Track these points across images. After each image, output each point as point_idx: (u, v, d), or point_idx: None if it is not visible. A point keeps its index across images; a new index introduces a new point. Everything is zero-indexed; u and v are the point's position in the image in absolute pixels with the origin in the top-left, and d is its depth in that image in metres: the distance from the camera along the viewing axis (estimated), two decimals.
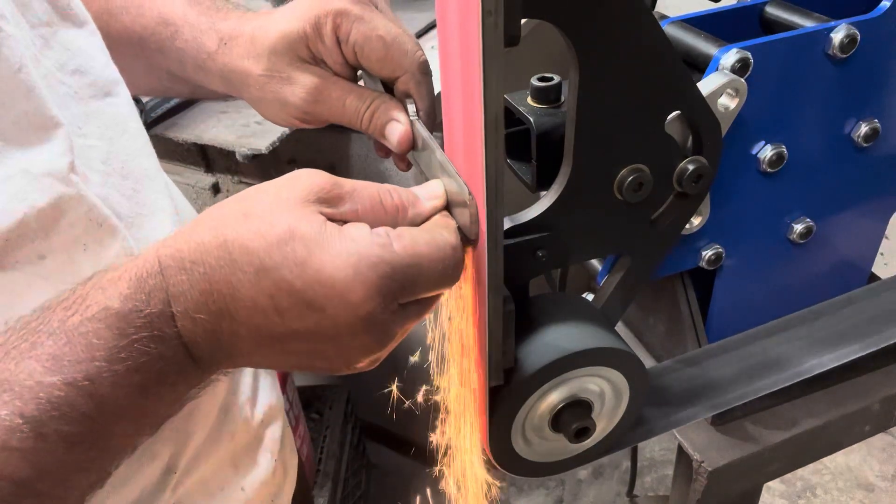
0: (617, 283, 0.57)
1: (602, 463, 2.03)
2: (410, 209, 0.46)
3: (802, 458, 0.74)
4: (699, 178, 0.52)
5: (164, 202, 0.61)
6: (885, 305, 0.69)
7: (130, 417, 0.42)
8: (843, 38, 0.56)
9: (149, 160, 0.62)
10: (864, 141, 0.62)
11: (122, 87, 0.61)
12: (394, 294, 0.42)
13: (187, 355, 0.42)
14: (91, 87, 0.57)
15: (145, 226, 0.58)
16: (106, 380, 0.40)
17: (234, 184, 1.61)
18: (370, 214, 0.45)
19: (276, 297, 0.41)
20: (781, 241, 0.67)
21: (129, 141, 0.60)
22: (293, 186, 0.44)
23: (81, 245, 0.51)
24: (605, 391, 0.55)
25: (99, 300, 0.41)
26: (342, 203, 0.44)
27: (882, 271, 0.75)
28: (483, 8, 0.36)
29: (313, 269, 0.41)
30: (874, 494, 1.92)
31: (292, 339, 0.43)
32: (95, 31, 0.60)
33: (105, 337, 0.40)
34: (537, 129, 0.55)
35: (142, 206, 0.58)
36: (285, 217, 0.42)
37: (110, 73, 0.60)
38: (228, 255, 0.41)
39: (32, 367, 0.39)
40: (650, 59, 0.47)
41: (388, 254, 0.41)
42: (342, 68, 0.60)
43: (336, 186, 0.44)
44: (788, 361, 0.64)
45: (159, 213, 0.60)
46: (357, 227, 0.43)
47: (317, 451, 1.66)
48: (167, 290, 0.41)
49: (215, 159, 1.60)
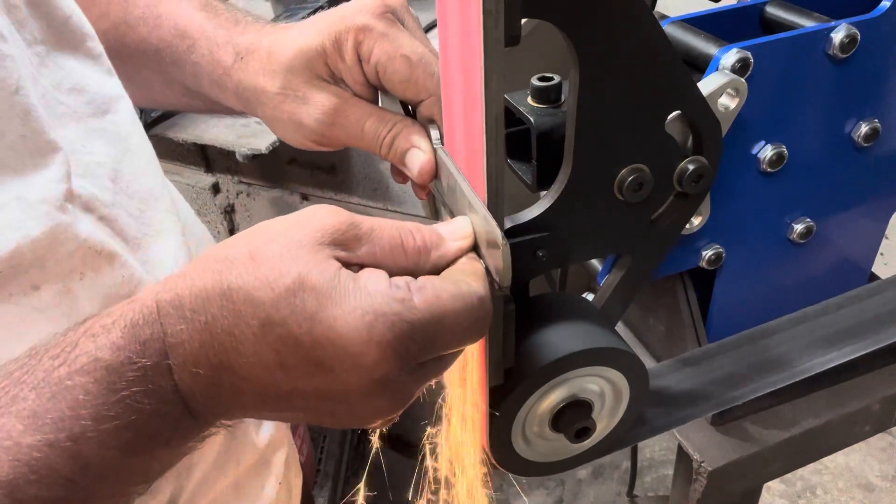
0: (617, 283, 0.57)
1: (602, 463, 2.03)
2: (434, 251, 0.43)
3: (802, 458, 0.74)
4: (699, 178, 0.52)
5: (170, 222, 0.58)
6: (885, 305, 0.69)
7: (118, 478, 0.39)
8: (843, 38, 0.56)
9: (155, 177, 0.60)
10: (865, 141, 0.62)
11: (122, 104, 0.58)
12: (412, 354, 0.39)
13: (184, 409, 0.39)
14: (89, 104, 0.55)
15: (152, 247, 0.55)
16: (91, 440, 0.37)
17: (234, 184, 1.61)
18: (389, 258, 0.41)
19: (282, 354, 0.38)
20: (781, 240, 0.67)
21: (132, 159, 0.57)
22: (306, 226, 0.40)
23: (77, 274, 0.48)
24: (605, 391, 0.55)
25: (89, 349, 0.38)
26: (359, 245, 0.41)
27: (882, 271, 0.75)
28: (483, 8, 0.36)
29: (324, 325, 0.37)
30: (874, 494, 1.92)
31: (298, 398, 0.40)
32: (92, 49, 0.57)
33: (93, 392, 0.37)
34: (537, 129, 0.55)
35: (148, 226, 0.56)
36: (296, 264, 0.38)
37: (108, 90, 0.57)
38: (232, 304, 0.38)
39: (11, 424, 0.36)
40: (650, 59, 0.47)
41: (407, 311, 0.38)
42: (362, 88, 0.57)
43: (353, 227, 0.41)
44: (788, 361, 0.64)
45: (165, 234, 0.57)
46: (374, 279, 0.39)
47: (317, 451, 1.66)
48: (164, 339, 0.38)
49: (215, 159, 1.60)
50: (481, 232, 0.44)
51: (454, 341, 0.40)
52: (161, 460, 0.41)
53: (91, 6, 0.60)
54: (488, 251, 0.43)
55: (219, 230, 1.71)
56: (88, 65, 0.57)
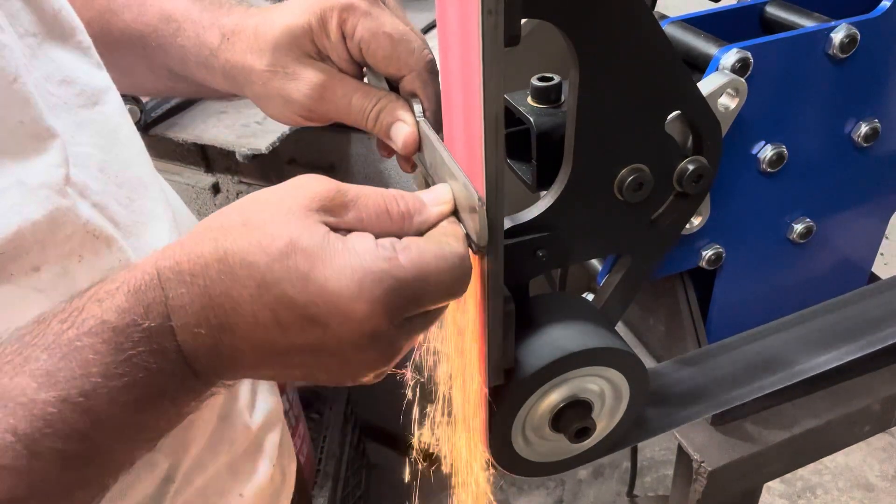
0: (617, 283, 0.57)
1: (602, 463, 2.03)
2: (416, 216, 0.45)
3: (802, 458, 0.74)
4: (699, 178, 0.52)
5: (160, 210, 0.60)
6: (885, 305, 0.69)
7: (128, 433, 0.41)
8: (843, 38, 0.56)
9: (144, 167, 0.61)
10: (864, 141, 0.62)
11: (111, 95, 0.60)
12: (399, 309, 0.41)
13: (187, 369, 0.41)
14: (79, 96, 0.56)
15: (143, 234, 0.57)
16: (102, 396, 0.39)
17: (234, 184, 1.61)
18: (375, 223, 0.43)
19: (278, 312, 0.40)
20: (781, 241, 0.67)
21: (121, 149, 0.59)
22: (296, 194, 0.43)
23: (76, 256, 0.50)
24: (605, 391, 0.55)
25: (95, 313, 0.40)
26: (346, 211, 0.43)
27: (882, 271, 0.75)
28: (483, 7, 0.36)
29: (316, 283, 0.40)
30: (874, 494, 1.92)
31: (295, 354, 0.42)
32: (81, 42, 0.59)
33: (101, 352, 0.39)
34: (537, 129, 0.55)
35: (138, 214, 0.57)
36: (287, 228, 0.41)
37: (98, 82, 0.59)
38: (229, 268, 0.40)
39: (26, 382, 0.38)
40: (650, 59, 0.47)
41: (393, 268, 0.40)
42: (347, 65, 0.59)
43: (340, 194, 0.43)
44: (788, 361, 0.64)
45: (156, 221, 0.59)
46: (362, 239, 0.41)
47: (317, 451, 1.66)
48: (166, 303, 0.40)
49: (215, 159, 1.60)
50: (461, 198, 0.46)
51: (437, 297, 0.43)
52: (167, 417, 0.43)
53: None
54: (468, 215, 0.45)
55: None
56: (78, 57, 0.58)
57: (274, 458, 0.71)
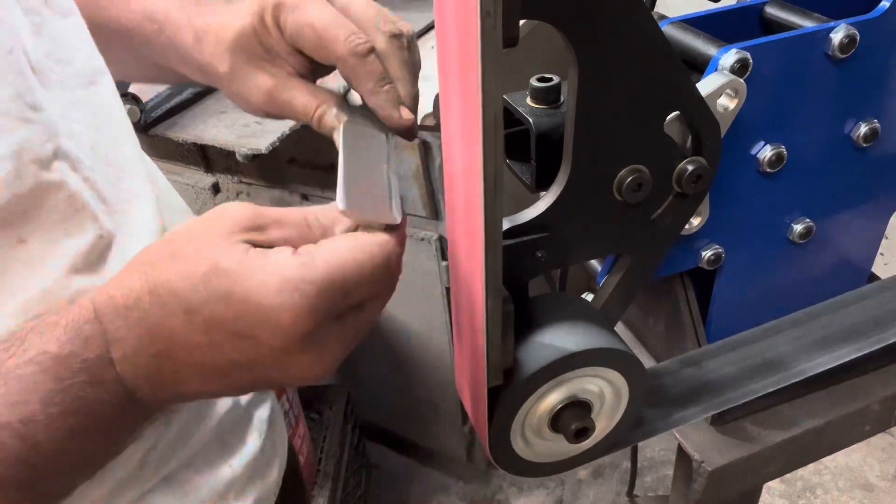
0: (617, 283, 0.57)
1: (602, 463, 2.03)
2: (337, 225, 0.46)
3: (802, 458, 0.74)
4: (698, 179, 0.52)
5: (145, 189, 0.62)
6: (885, 305, 0.68)
7: (67, 460, 0.43)
8: (842, 39, 0.56)
9: (132, 148, 0.63)
10: (864, 141, 0.62)
11: (106, 77, 0.62)
12: (323, 309, 0.42)
13: (129, 398, 0.43)
14: (77, 76, 0.58)
15: (128, 211, 0.59)
16: (40, 423, 0.40)
17: (234, 184, 1.61)
18: (298, 237, 0.45)
19: (210, 333, 0.42)
20: (781, 241, 0.67)
21: (113, 129, 0.61)
22: (218, 222, 0.44)
23: (62, 230, 0.51)
24: (604, 391, 0.55)
25: (36, 343, 0.42)
26: (269, 229, 0.45)
27: (882, 271, 0.75)
28: (481, 9, 0.36)
29: (239, 300, 0.41)
30: (874, 494, 1.92)
31: (235, 370, 0.44)
32: (80, 22, 0.61)
33: (41, 381, 0.41)
34: (536, 130, 0.55)
35: (126, 192, 0.59)
36: (210, 253, 0.42)
37: (95, 63, 0.61)
38: (159, 298, 0.42)
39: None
40: (649, 60, 0.47)
41: (309, 272, 0.41)
42: (296, 60, 0.60)
43: (260, 216, 0.45)
44: (788, 361, 0.64)
45: (140, 201, 0.61)
46: (281, 252, 0.43)
47: (317, 451, 1.66)
48: (105, 336, 0.42)
49: (215, 159, 1.60)
50: None
51: (362, 289, 0.43)
52: (107, 445, 0.45)
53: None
54: None
55: None
56: (78, 36, 0.60)
57: (263, 433, 0.73)
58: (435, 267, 1.43)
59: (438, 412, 1.78)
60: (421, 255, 1.42)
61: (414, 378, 1.75)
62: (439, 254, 1.41)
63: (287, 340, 0.42)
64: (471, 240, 0.46)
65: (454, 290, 0.53)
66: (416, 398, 1.80)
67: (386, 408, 1.93)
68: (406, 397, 1.82)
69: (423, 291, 1.50)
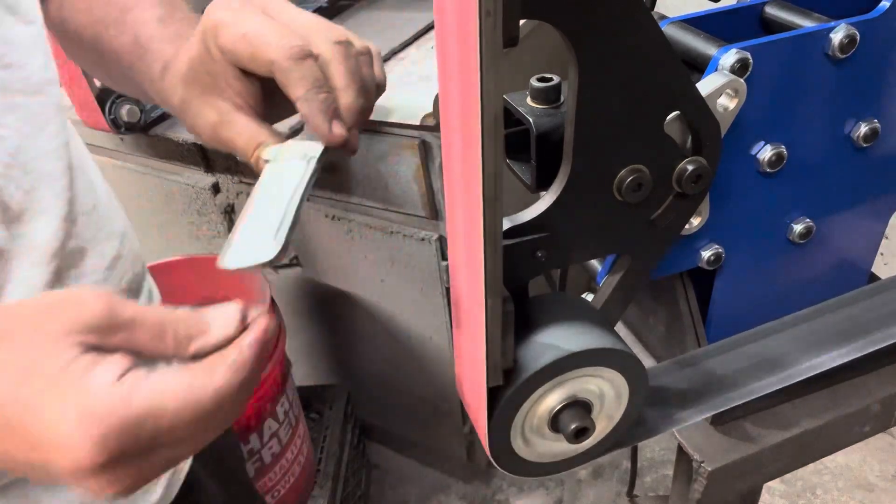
0: (617, 283, 0.57)
1: (602, 463, 2.03)
2: (194, 343, 0.43)
3: (802, 458, 0.74)
4: (698, 179, 0.52)
5: (57, 206, 0.61)
6: (885, 305, 0.68)
7: None
8: (842, 38, 0.56)
9: (57, 162, 0.61)
10: (864, 141, 0.62)
11: (54, 90, 0.61)
12: (124, 447, 0.40)
13: None
14: (21, 81, 0.57)
15: (30, 223, 0.58)
16: None
17: (234, 184, 1.61)
18: (149, 345, 0.42)
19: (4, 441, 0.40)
20: (781, 241, 0.67)
21: (43, 141, 0.59)
22: (60, 314, 0.41)
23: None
24: (604, 391, 0.55)
25: None
26: (116, 333, 0.41)
27: (882, 271, 0.75)
28: (482, 8, 0.36)
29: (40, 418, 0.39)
30: (874, 494, 1.92)
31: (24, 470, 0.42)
32: (41, 32, 0.60)
33: None
34: (536, 130, 0.55)
35: (35, 202, 0.58)
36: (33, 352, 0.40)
37: (47, 74, 0.60)
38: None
39: None
40: (649, 60, 0.47)
41: (122, 408, 0.39)
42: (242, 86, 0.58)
43: (113, 316, 0.41)
44: (788, 361, 0.64)
45: (48, 215, 0.59)
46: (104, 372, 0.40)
47: (317, 451, 1.66)
48: None
49: (215, 159, 1.60)
50: None
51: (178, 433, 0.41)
52: None
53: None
54: None
55: (219, 230, 1.71)
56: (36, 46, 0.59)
57: None
58: (435, 267, 1.43)
59: (438, 412, 1.78)
60: (421, 255, 1.42)
61: (414, 378, 1.75)
62: (439, 254, 1.41)
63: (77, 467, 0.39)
64: (471, 240, 0.46)
65: (454, 290, 0.53)
66: (416, 398, 1.80)
67: (386, 408, 1.93)
68: (406, 397, 1.82)
69: (423, 291, 1.50)
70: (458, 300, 0.53)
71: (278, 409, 1.48)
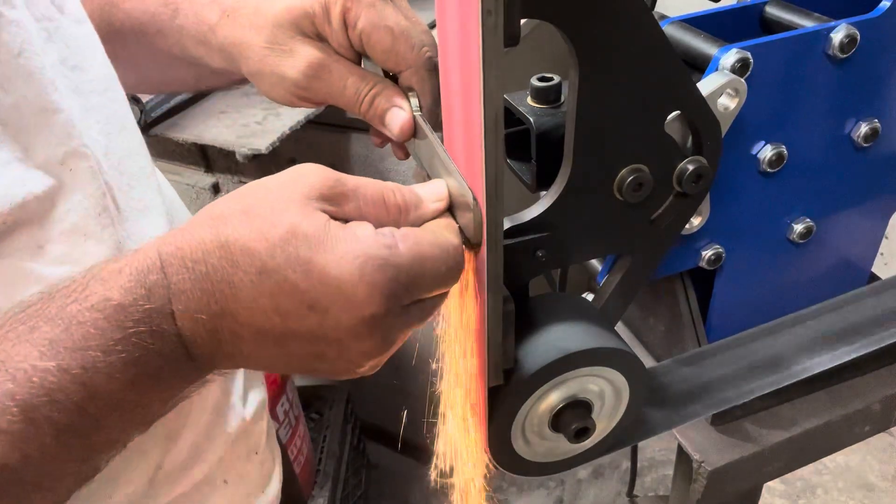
0: (617, 283, 0.57)
1: (602, 463, 2.03)
2: (413, 211, 0.46)
3: (802, 458, 0.74)
4: (699, 179, 0.52)
5: (155, 201, 0.61)
6: (885, 305, 0.68)
7: (122, 411, 0.41)
8: (842, 38, 0.56)
9: (144, 159, 0.62)
10: (864, 141, 0.62)
11: (118, 86, 0.61)
12: (398, 296, 0.41)
13: (185, 354, 0.42)
14: (91, 82, 0.57)
15: (140, 221, 0.58)
16: (100, 371, 0.39)
17: (234, 184, 1.61)
18: (373, 213, 0.44)
19: (278, 298, 0.41)
20: (781, 241, 0.67)
21: (126, 138, 0.59)
22: (295, 183, 0.43)
23: (81, 234, 0.50)
24: (604, 391, 0.55)
25: (98, 290, 0.40)
26: (345, 201, 0.43)
27: (882, 271, 0.75)
28: (483, 8, 0.36)
29: (318, 269, 0.40)
30: (874, 494, 1.92)
31: (293, 341, 0.42)
32: (93, 30, 0.60)
33: (102, 328, 0.39)
34: (537, 129, 0.55)
35: (136, 201, 0.58)
36: (287, 215, 0.41)
37: (108, 71, 0.60)
38: (230, 255, 0.41)
39: (28, 350, 0.39)
40: (650, 60, 0.47)
41: (393, 255, 0.41)
42: (347, 52, 0.58)
43: (339, 184, 0.43)
44: (788, 361, 0.64)
45: (151, 212, 0.60)
46: (362, 227, 0.42)
47: (317, 451, 1.66)
48: (168, 287, 0.41)
49: (215, 159, 1.60)
50: (456, 194, 0.47)
51: (434, 285, 0.43)
52: (161, 400, 0.44)
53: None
54: (461, 213, 0.46)
55: None
56: (92, 45, 0.59)
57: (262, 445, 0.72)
58: None
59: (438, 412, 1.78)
60: None
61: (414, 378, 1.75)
62: None
63: (357, 319, 0.41)
64: None
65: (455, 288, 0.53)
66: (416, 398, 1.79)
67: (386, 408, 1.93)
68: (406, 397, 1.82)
69: None
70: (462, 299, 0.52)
71: (278, 409, 1.48)
